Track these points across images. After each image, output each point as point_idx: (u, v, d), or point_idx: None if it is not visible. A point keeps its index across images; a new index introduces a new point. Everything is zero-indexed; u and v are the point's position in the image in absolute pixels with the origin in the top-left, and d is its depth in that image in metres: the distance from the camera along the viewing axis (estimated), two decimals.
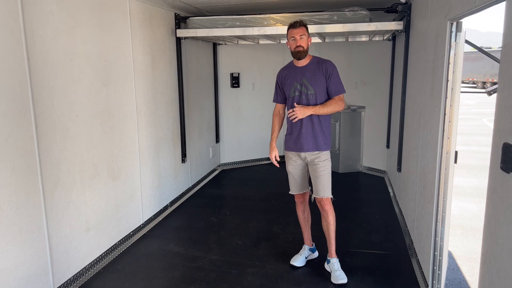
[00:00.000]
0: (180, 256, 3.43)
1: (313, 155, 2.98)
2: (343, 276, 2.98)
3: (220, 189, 5.43)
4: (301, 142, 2.98)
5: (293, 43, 2.89)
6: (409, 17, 3.87)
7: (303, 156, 3.02)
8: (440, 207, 2.57)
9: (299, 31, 2.86)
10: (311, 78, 2.92)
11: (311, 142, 2.96)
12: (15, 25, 2.33)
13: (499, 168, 1.41)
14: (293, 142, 3.03)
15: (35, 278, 2.56)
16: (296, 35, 2.86)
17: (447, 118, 2.44)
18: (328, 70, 2.91)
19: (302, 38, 2.86)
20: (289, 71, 3.05)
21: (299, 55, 2.90)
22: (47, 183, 2.63)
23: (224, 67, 6.06)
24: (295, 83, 2.97)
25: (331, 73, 2.91)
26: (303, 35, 2.87)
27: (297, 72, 2.98)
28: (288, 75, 3.03)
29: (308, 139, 2.96)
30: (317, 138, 2.95)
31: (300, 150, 3.00)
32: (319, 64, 2.95)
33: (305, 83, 2.94)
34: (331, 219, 3.03)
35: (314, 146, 2.97)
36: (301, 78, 2.95)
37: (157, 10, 4.11)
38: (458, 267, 3.37)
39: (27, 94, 2.44)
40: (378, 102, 5.66)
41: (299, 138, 2.99)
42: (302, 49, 2.88)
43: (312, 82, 2.92)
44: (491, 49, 21.63)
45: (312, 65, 2.96)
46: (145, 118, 3.90)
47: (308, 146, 2.97)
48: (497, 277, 1.45)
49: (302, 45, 2.86)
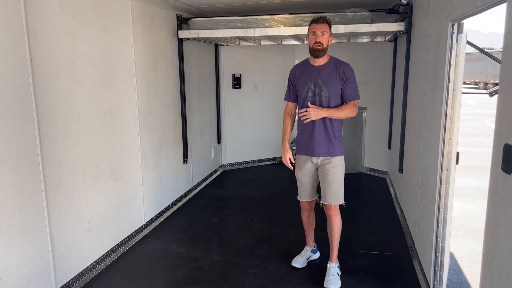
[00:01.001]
0: (182, 257, 3.43)
1: (325, 160, 2.86)
2: (334, 282, 2.89)
3: (222, 190, 5.44)
4: (312, 146, 2.86)
5: (312, 39, 2.75)
6: (410, 18, 3.87)
7: (315, 161, 2.90)
8: (442, 208, 2.57)
9: (321, 26, 2.73)
10: (326, 79, 2.79)
11: (323, 146, 2.84)
12: (18, 26, 2.35)
13: (500, 169, 1.42)
14: (304, 146, 2.91)
15: (38, 278, 2.58)
16: (318, 31, 2.72)
17: (448, 119, 2.44)
18: (345, 73, 2.78)
19: (324, 35, 2.72)
20: (304, 69, 2.90)
21: (316, 52, 2.75)
22: (49, 183, 2.64)
23: (226, 68, 6.07)
24: (308, 82, 2.83)
25: (349, 77, 2.78)
26: (324, 32, 2.73)
27: (312, 71, 2.84)
28: (302, 73, 2.89)
29: (319, 143, 2.83)
30: (329, 142, 2.83)
31: (311, 154, 2.88)
32: (336, 65, 2.81)
33: (319, 84, 2.80)
34: (337, 226, 2.95)
35: (326, 150, 2.84)
36: (316, 78, 2.81)
37: (159, 11, 4.12)
38: (459, 268, 3.37)
39: (29, 95, 2.45)
40: (380, 103, 5.66)
41: (310, 142, 2.86)
42: (320, 47, 2.73)
43: (327, 83, 2.78)
44: (493, 50, 21.58)
45: (329, 66, 2.82)
46: (147, 119, 3.91)
47: (319, 150, 2.85)
48: (498, 278, 1.45)
49: (322, 42, 2.72)
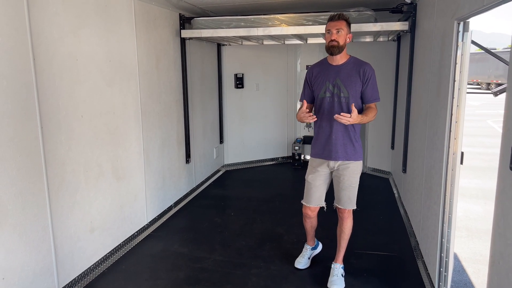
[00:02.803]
0: (184, 257, 3.42)
1: (343, 164, 2.75)
2: (338, 283, 2.86)
3: (224, 190, 5.43)
4: (329, 149, 2.75)
5: (328, 37, 2.64)
6: (414, 17, 3.85)
7: (331, 165, 2.79)
8: (447, 208, 2.55)
9: (336, 24, 2.62)
10: (346, 79, 2.67)
11: (341, 150, 2.72)
12: (21, 26, 2.34)
13: (508, 169, 1.40)
14: (321, 149, 2.80)
15: (40, 278, 2.57)
16: (333, 28, 2.62)
17: (453, 118, 2.43)
18: (366, 73, 2.67)
19: (339, 33, 2.61)
20: (322, 68, 2.79)
21: (331, 50, 2.64)
22: (52, 183, 2.63)
23: (228, 67, 6.06)
24: (327, 82, 2.72)
25: (370, 77, 2.67)
26: (340, 30, 2.61)
27: (331, 71, 2.73)
28: (320, 73, 2.77)
29: (337, 146, 2.72)
30: (348, 146, 2.72)
31: (328, 158, 2.77)
32: (356, 65, 2.71)
33: (338, 84, 2.68)
34: (348, 229, 2.91)
35: (344, 154, 2.73)
36: (334, 78, 2.70)
37: (162, 10, 4.12)
38: (463, 269, 3.35)
39: (32, 94, 2.44)
40: (383, 103, 5.61)
41: (327, 145, 2.75)
42: (336, 44, 2.62)
43: (347, 83, 2.67)
44: (495, 50, 21.53)
45: (348, 65, 2.71)
46: (150, 118, 3.90)
47: (336, 154, 2.73)
48: (506, 278, 1.43)
49: (337, 39, 2.61)
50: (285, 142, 6.66)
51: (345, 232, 2.93)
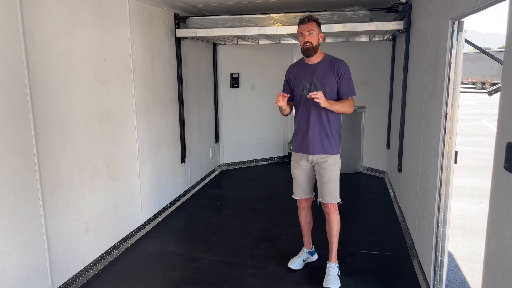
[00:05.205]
0: (180, 257, 3.41)
1: (320, 158, 2.86)
2: (333, 282, 2.88)
3: (220, 190, 5.42)
4: (307, 144, 2.86)
5: (301, 39, 2.77)
6: (409, 17, 3.86)
7: (310, 159, 2.90)
8: (442, 207, 2.56)
9: (307, 26, 2.74)
10: (321, 77, 2.80)
11: (318, 144, 2.84)
12: (14, 24, 2.32)
13: (502, 168, 1.40)
14: (299, 143, 2.92)
15: (34, 279, 2.55)
16: (304, 31, 2.73)
17: (448, 117, 2.43)
18: (340, 70, 2.78)
19: (311, 34, 2.73)
20: (299, 68, 2.92)
21: (307, 52, 2.77)
22: (46, 183, 2.61)
23: (224, 67, 6.04)
24: (304, 81, 2.84)
25: (343, 73, 2.78)
26: (312, 31, 2.73)
27: (307, 70, 2.85)
28: (298, 73, 2.90)
29: (314, 140, 2.83)
30: (323, 141, 2.83)
31: (306, 152, 2.88)
32: (331, 62, 2.82)
33: (314, 82, 2.81)
34: (335, 224, 2.95)
35: (321, 148, 2.84)
36: (311, 77, 2.82)
37: (157, 10, 4.10)
38: (458, 268, 3.36)
39: (25, 93, 2.42)
40: (378, 102, 5.65)
41: (305, 139, 2.87)
42: (310, 46, 2.74)
43: (323, 81, 2.79)
44: (490, 50, 21.67)
45: (323, 64, 2.83)
46: (145, 118, 3.88)
47: (314, 148, 2.85)
48: (501, 278, 1.43)
49: (310, 41, 2.73)
50: (281, 142, 6.66)
51: (333, 228, 2.96)
